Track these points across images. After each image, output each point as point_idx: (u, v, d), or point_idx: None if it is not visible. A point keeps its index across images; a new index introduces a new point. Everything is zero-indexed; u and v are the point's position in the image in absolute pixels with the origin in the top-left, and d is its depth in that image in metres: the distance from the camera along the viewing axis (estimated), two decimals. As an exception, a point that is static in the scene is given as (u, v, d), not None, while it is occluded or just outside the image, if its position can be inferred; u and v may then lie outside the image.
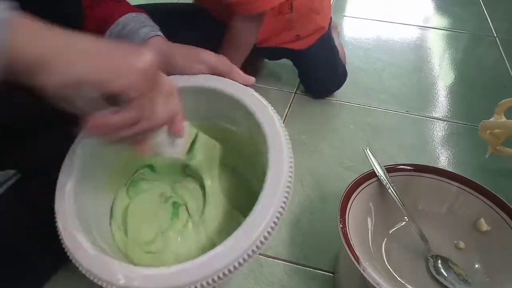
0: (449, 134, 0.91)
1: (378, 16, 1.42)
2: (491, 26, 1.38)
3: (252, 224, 0.37)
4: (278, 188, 0.39)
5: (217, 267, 0.35)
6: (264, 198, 0.38)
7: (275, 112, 0.45)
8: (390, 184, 0.59)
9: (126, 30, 0.52)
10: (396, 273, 0.57)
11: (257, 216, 0.37)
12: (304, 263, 0.64)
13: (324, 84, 0.99)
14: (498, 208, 0.57)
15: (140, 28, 0.52)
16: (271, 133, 0.43)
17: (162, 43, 0.51)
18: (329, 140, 0.87)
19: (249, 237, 0.36)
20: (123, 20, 0.53)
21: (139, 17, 0.54)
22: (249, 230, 0.36)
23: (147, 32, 0.51)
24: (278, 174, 0.40)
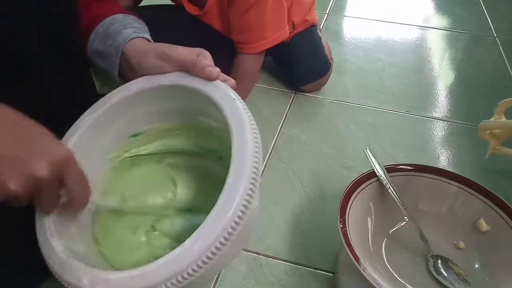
0: (449, 134, 0.91)
1: (378, 16, 1.42)
2: (491, 26, 1.38)
3: (216, 218, 0.36)
4: (242, 177, 0.37)
5: (179, 267, 0.34)
6: (228, 188, 0.37)
7: (243, 105, 0.44)
8: (390, 184, 0.59)
9: (111, 30, 0.52)
10: (396, 273, 0.57)
11: (220, 211, 0.36)
12: (304, 263, 0.64)
13: (304, 70, 0.99)
14: (498, 208, 0.57)
15: (124, 29, 0.51)
16: (237, 128, 0.41)
17: (139, 45, 0.50)
18: (329, 140, 0.87)
19: (212, 233, 0.35)
20: (109, 21, 0.53)
21: (125, 18, 0.54)
22: (213, 225, 0.35)
23: (129, 33, 0.51)
24: (240, 169, 0.38)
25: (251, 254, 0.65)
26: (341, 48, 1.21)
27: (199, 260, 0.34)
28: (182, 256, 0.35)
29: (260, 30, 0.82)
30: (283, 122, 0.92)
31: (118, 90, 0.49)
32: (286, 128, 0.90)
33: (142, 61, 0.49)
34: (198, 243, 0.35)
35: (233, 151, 0.39)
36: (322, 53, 0.99)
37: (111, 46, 0.51)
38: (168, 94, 0.48)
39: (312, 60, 0.98)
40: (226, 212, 0.36)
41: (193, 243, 0.35)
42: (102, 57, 0.53)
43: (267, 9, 0.80)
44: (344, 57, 1.17)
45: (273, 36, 0.84)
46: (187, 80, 0.46)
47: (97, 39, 0.52)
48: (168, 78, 0.48)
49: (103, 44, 0.52)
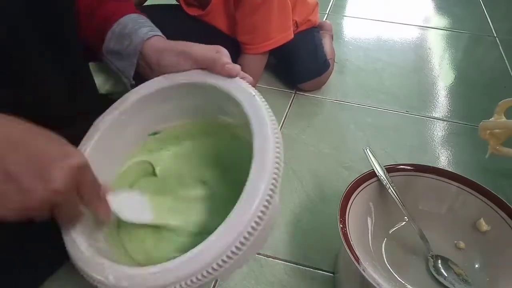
0: (449, 134, 0.91)
1: (378, 16, 1.42)
2: (491, 26, 1.38)
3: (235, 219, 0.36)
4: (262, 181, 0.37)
5: (201, 264, 0.34)
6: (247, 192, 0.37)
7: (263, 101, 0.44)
8: (390, 184, 0.59)
9: (127, 30, 0.52)
10: (396, 273, 0.57)
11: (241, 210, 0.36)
12: (304, 263, 0.64)
13: (303, 68, 0.98)
14: (498, 208, 0.57)
15: (140, 28, 0.52)
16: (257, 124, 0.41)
17: (157, 43, 0.51)
18: (329, 140, 0.87)
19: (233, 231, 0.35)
20: (124, 20, 0.53)
21: (139, 17, 0.54)
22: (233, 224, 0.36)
23: (146, 32, 0.51)
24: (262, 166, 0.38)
25: (251, 254, 0.65)
26: (341, 48, 1.21)
27: (219, 259, 0.35)
28: (204, 254, 0.35)
29: (265, 32, 0.84)
30: (283, 122, 0.92)
31: (138, 88, 0.50)
32: (286, 128, 0.90)
33: (161, 59, 0.49)
34: (220, 240, 0.35)
35: (254, 147, 0.39)
36: (322, 53, 1.00)
37: (129, 46, 0.51)
38: (187, 92, 0.49)
39: (310, 59, 0.98)
40: (248, 209, 0.36)
41: (214, 241, 0.35)
42: (118, 57, 0.53)
43: (273, 11, 0.81)
44: (344, 57, 1.17)
45: (278, 37, 0.85)
46: (206, 77, 0.47)
47: (114, 39, 0.53)
48: (187, 77, 0.48)
49: (120, 44, 0.52)
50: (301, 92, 1.01)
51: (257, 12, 0.80)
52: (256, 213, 0.36)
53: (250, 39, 0.84)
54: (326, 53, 1.00)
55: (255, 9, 0.80)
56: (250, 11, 0.81)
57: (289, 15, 0.87)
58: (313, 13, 1.01)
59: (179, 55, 0.48)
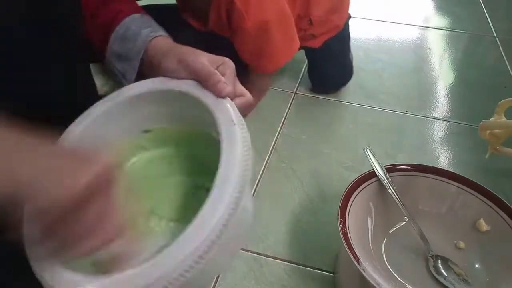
0: (449, 134, 0.91)
1: (378, 16, 1.42)
2: (491, 26, 1.38)
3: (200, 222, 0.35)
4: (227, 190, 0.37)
5: (159, 273, 0.33)
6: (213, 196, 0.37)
7: (242, 126, 0.43)
8: (390, 184, 0.59)
9: (130, 32, 0.52)
10: (396, 273, 0.57)
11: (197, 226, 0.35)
12: (304, 263, 0.64)
13: (331, 81, 1.00)
14: (498, 208, 0.57)
15: (142, 29, 0.52)
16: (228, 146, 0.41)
17: (162, 45, 0.51)
18: (329, 140, 0.87)
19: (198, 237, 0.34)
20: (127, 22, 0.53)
21: (141, 18, 0.54)
22: (199, 227, 0.35)
23: (147, 33, 0.51)
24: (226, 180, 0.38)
25: (251, 254, 0.65)
26: (341, 48, 1.21)
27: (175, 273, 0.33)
28: (160, 265, 0.34)
29: (270, 56, 0.77)
30: (283, 122, 0.92)
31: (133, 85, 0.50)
32: (286, 128, 0.90)
33: (162, 61, 0.49)
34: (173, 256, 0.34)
35: (218, 173, 0.39)
36: (349, 61, 0.98)
37: (132, 50, 0.51)
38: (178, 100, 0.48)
39: (339, 69, 0.98)
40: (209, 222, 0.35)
41: (170, 254, 0.34)
42: (121, 59, 0.53)
43: (273, 33, 0.73)
44: (344, 57, 1.17)
45: (285, 54, 0.79)
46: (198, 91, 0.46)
47: (117, 42, 0.53)
48: (180, 85, 0.47)
49: (123, 47, 0.52)
50: (301, 92, 1.02)
51: (255, 41, 0.73)
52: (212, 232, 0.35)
53: (256, 61, 0.78)
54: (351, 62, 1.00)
55: (251, 39, 0.72)
56: (247, 41, 0.73)
57: (292, 25, 0.78)
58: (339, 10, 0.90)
59: (180, 61, 0.48)
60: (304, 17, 0.86)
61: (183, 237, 0.35)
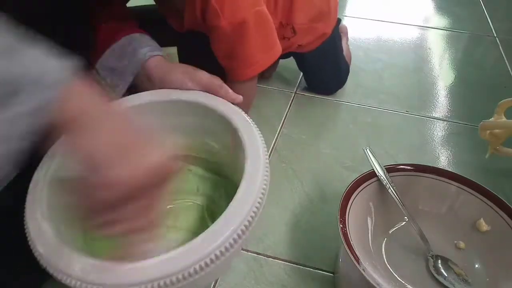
0: (449, 134, 0.91)
1: (378, 16, 1.42)
2: (491, 26, 1.38)
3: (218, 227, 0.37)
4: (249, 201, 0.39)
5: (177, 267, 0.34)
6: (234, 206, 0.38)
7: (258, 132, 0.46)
8: (390, 184, 0.59)
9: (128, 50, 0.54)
10: (396, 273, 0.57)
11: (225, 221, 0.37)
12: (304, 263, 0.64)
13: (326, 85, 1.00)
14: (498, 208, 0.57)
15: (141, 48, 0.54)
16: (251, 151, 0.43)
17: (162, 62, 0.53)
18: (329, 140, 0.87)
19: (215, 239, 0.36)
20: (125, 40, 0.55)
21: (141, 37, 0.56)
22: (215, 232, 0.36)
23: (146, 52, 0.54)
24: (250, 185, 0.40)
25: (251, 254, 0.65)
26: (341, 48, 1.21)
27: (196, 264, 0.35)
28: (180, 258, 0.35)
29: (246, 57, 0.70)
30: (283, 122, 0.92)
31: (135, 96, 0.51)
32: (286, 128, 0.90)
33: (166, 75, 0.52)
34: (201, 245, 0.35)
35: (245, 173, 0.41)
36: (344, 62, 0.98)
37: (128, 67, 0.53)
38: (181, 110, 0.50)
39: (334, 73, 0.97)
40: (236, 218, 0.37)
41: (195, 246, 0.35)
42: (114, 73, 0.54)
43: (250, 35, 0.67)
44: (344, 57, 1.17)
45: (263, 60, 0.71)
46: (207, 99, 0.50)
47: (113, 57, 0.54)
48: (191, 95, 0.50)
49: (118, 63, 0.54)
50: (301, 92, 1.02)
51: (231, 41, 0.67)
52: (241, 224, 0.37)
53: (232, 65, 0.71)
54: (347, 61, 1.00)
55: (227, 38, 0.67)
56: (223, 41, 0.68)
57: (272, 30, 0.72)
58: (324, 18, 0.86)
59: (186, 74, 0.51)
60: (287, 25, 0.82)
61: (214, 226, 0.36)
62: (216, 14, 0.64)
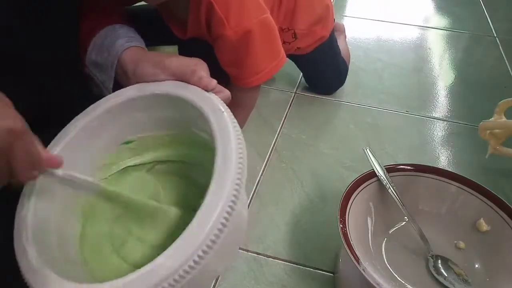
0: (449, 134, 0.91)
1: (378, 16, 1.42)
2: (491, 26, 1.38)
3: (184, 244, 0.35)
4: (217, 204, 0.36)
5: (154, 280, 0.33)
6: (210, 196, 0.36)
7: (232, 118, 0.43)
8: (390, 184, 0.59)
9: (106, 42, 0.52)
10: (396, 273, 0.57)
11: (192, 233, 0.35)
12: (304, 263, 0.64)
13: (326, 84, 1.00)
14: (498, 208, 0.57)
15: (117, 39, 0.52)
16: (221, 141, 0.40)
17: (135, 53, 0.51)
18: (329, 140, 0.87)
19: (182, 256, 0.34)
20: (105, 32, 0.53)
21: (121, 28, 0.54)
22: (182, 249, 0.34)
23: (122, 43, 0.51)
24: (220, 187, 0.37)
25: (251, 254, 0.65)
26: (341, 48, 1.21)
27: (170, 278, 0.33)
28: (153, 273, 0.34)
29: (251, 66, 0.70)
30: (283, 122, 0.92)
31: (110, 96, 0.49)
32: (286, 128, 0.90)
33: (137, 68, 0.49)
34: (171, 260, 0.34)
35: (216, 162, 0.39)
36: (342, 62, 0.98)
37: (107, 59, 0.51)
38: (161, 103, 0.48)
39: (333, 76, 0.98)
40: (204, 227, 0.35)
41: (165, 260, 0.34)
42: (99, 69, 0.53)
43: (256, 45, 0.67)
44: (344, 57, 1.17)
45: (268, 68, 0.71)
46: (180, 90, 0.46)
47: (95, 51, 0.53)
48: (161, 87, 0.47)
49: (100, 56, 0.52)
50: (301, 92, 1.02)
51: (236, 50, 0.67)
52: (207, 238, 0.34)
53: (236, 73, 0.71)
54: (345, 60, 1.00)
55: (232, 47, 0.67)
56: (228, 50, 0.68)
57: (277, 39, 0.72)
58: (323, 22, 0.86)
59: (156, 65, 0.48)
60: (288, 30, 0.83)
61: (178, 241, 0.35)
62: (221, 23, 0.63)
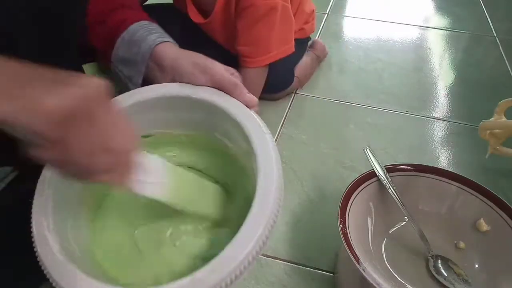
0: (449, 134, 0.91)
1: (378, 16, 1.42)
2: (491, 26, 1.38)
3: (223, 262, 0.35)
4: (266, 209, 0.38)
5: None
6: (252, 216, 0.37)
7: (270, 137, 0.43)
8: (390, 184, 0.59)
9: (136, 37, 0.51)
10: (396, 273, 0.57)
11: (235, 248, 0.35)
12: (304, 263, 0.64)
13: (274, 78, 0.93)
14: (498, 208, 0.57)
15: (149, 34, 0.51)
16: (263, 159, 0.41)
17: (170, 49, 0.50)
18: (329, 140, 0.87)
19: (225, 268, 0.34)
20: (134, 27, 0.52)
21: (150, 24, 0.54)
22: (220, 268, 0.35)
23: (155, 38, 0.51)
24: (265, 198, 0.38)
25: (251, 254, 0.65)
26: (341, 48, 1.21)
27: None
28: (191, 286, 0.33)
29: (266, 44, 0.80)
30: (283, 122, 0.92)
31: (146, 89, 0.49)
32: (286, 128, 0.90)
33: (176, 64, 0.48)
34: (211, 276, 0.34)
35: (257, 192, 0.39)
36: (292, 71, 0.97)
37: (138, 54, 0.51)
38: (193, 106, 0.47)
39: (283, 71, 0.94)
40: (243, 250, 0.35)
41: (206, 275, 0.34)
42: (127, 64, 0.52)
43: (275, 23, 0.78)
44: (344, 57, 1.17)
45: (278, 50, 0.82)
46: (221, 100, 0.46)
47: (123, 46, 0.52)
48: (200, 93, 0.47)
49: (129, 51, 0.52)
50: (301, 92, 1.02)
51: (259, 23, 0.78)
52: (245, 259, 0.35)
53: (250, 51, 0.81)
54: (296, 69, 0.98)
55: (257, 20, 0.77)
56: (252, 22, 0.78)
57: (292, 28, 0.84)
58: (308, 22, 0.97)
59: (196, 66, 0.47)
60: None
61: (219, 257, 0.35)
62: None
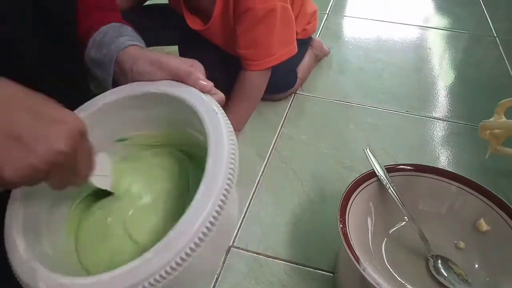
0: (449, 134, 0.91)
1: (378, 16, 1.42)
2: (491, 26, 1.38)
3: (180, 230, 0.35)
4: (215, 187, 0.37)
5: (134, 280, 0.33)
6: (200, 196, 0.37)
7: (226, 119, 0.44)
8: (390, 184, 0.59)
9: (106, 39, 0.52)
10: (396, 273, 0.57)
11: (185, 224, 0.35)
12: (304, 263, 0.64)
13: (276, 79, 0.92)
14: (498, 208, 0.57)
15: (118, 37, 0.52)
16: (213, 134, 0.41)
17: (133, 52, 0.51)
18: (329, 140, 0.87)
19: (175, 246, 0.34)
20: (105, 29, 0.53)
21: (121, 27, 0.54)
22: (177, 237, 0.35)
23: (124, 41, 0.52)
24: (210, 187, 0.38)
25: (251, 254, 0.65)
26: (341, 48, 1.21)
27: (157, 274, 0.34)
28: (141, 268, 0.34)
29: (267, 47, 0.79)
30: (283, 122, 0.92)
31: (106, 93, 0.49)
32: (286, 128, 0.90)
33: (134, 65, 0.49)
34: (159, 256, 0.34)
35: (207, 162, 0.39)
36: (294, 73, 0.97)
37: (106, 56, 0.51)
38: (157, 102, 0.48)
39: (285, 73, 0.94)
40: (192, 225, 0.35)
41: (153, 256, 0.34)
42: (98, 66, 0.53)
43: (275, 25, 0.77)
44: (344, 57, 1.17)
45: (280, 53, 0.81)
46: (176, 90, 0.47)
47: (94, 48, 0.53)
48: (157, 86, 0.48)
49: (99, 53, 0.52)
50: (301, 92, 1.02)
51: (259, 26, 0.76)
52: (195, 235, 0.35)
53: (251, 54, 0.79)
54: (298, 70, 0.98)
55: (256, 23, 0.76)
56: (251, 25, 0.76)
57: (293, 28, 0.82)
58: (310, 23, 0.97)
59: (153, 64, 0.48)
60: None
61: (166, 237, 0.35)
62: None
